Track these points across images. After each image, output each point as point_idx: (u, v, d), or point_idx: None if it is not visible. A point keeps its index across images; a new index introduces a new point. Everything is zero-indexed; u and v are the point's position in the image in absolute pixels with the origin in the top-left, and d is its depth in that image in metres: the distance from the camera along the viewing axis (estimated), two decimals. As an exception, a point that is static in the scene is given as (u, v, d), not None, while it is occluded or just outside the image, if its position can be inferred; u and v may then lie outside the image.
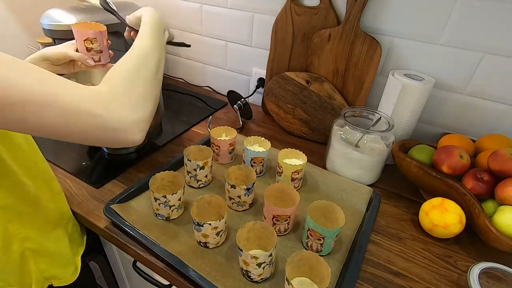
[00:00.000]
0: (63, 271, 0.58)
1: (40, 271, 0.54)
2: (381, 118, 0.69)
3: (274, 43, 0.88)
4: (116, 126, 0.38)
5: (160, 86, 0.48)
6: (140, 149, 0.79)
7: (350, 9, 0.73)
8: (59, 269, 0.57)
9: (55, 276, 0.57)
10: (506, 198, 0.55)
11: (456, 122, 0.77)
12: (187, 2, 1.03)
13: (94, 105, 0.36)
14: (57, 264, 0.57)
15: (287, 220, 0.55)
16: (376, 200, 0.65)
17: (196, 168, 0.64)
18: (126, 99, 0.40)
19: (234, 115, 0.98)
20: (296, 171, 0.64)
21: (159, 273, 0.53)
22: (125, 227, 0.55)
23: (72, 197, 0.63)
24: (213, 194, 0.56)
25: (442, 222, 0.56)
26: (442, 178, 0.60)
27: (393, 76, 0.70)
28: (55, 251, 0.56)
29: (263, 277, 0.48)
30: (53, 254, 0.55)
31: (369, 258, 0.55)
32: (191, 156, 0.66)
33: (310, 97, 0.83)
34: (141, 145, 0.80)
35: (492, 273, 0.51)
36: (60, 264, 0.57)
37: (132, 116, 0.40)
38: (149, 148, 0.79)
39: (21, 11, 1.09)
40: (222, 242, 0.54)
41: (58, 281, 0.57)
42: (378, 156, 0.67)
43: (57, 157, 0.73)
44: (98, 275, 0.78)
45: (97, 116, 0.36)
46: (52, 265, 0.55)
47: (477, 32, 0.66)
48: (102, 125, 0.37)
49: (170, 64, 1.22)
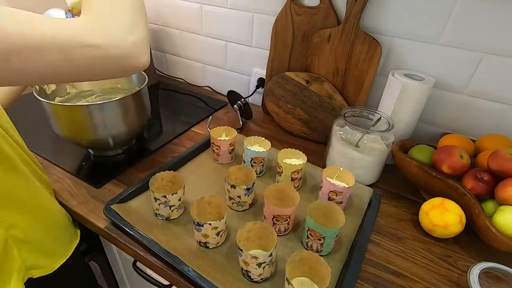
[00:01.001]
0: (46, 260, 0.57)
1: (23, 259, 0.52)
2: (381, 118, 0.69)
3: (274, 43, 0.88)
4: (118, 52, 0.36)
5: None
6: (135, 149, 0.79)
7: (350, 9, 0.73)
8: (42, 258, 0.56)
9: (36, 265, 0.55)
10: (506, 198, 0.55)
11: (456, 122, 0.77)
12: (187, 2, 1.03)
13: (90, 37, 0.34)
14: (42, 253, 0.55)
15: (287, 220, 0.55)
16: (376, 200, 0.65)
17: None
18: (118, 23, 0.37)
19: (234, 115, 0.98)
20: (296, 171, 0.64)
21: (159, 273, 0.53)
22: (125, 227, 0.55)
23: (72, 197, 0.63)
24: (213, 194, 0.56)
25: (442, 222, 0.56)
26: (442, 178, 0.60)
27: (393, 76, 0.70)
28: (42, 240, 0.55)
29: (263, 277, 0.48)
30: (39, 243, 0.54)
31: (369, 258, 0.55)
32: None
33: (310, 97, 0.83)
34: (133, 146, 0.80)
35: (492, 273, 0.51)
36: (44, 253, 0.56)
37: (130, 39, 0.37)
38: (141, 148, 0.79)
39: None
40: (222, 242, 0.54)
41: (38, 271, 0.55)
42: (378, 156, 0.67)
43: (57, 157, 0.73)
44: (98, 275, 0.78)
45: (96, 46, 0.35)
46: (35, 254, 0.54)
47: (477, 32, 0.66)
48: (104, 54, 0.35)
49: (170, 64, 1.22)
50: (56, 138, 0.79)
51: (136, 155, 0.76)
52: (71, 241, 0.63)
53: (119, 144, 0.75)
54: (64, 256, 0.60)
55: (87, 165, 0.73)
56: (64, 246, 0.60)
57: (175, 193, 0.56)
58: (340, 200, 0.61)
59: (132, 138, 0.79)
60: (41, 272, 0.56)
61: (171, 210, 0.57)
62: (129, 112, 0.68)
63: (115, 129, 0.68)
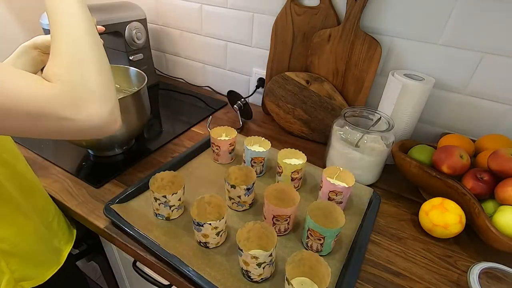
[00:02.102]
0: (37, 270, 0.55)
1: (11, 271, 0.51)
2: (381, 118, 0.69)
3: (274, 43, 0.88)
4: (89, 124, 0.35)
5: (102, 48, 0.40)
6: (135, 149, 0.79)
7: (350, 9, 0.73)
8: (32, 268, 0.54)
9: (26, 276, 0.53)
10: (506, 198, 0.55)
11: (456, 122, 0.77)
12: (187, 2, 1.03)
13: (61, 110, 0.33)
14: (32, 263, 0.54)
15: (287, 220, 0.55)
16: (376, 200, 0.65)
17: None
18: (91, 94, 0.35)
19: (234, 115, 0.98)
20: (296, 171, 0.64)
21: (159, 273, 0.53)
22: (125, 227, 0.55)
23: (72, 197, 0.63)
24: (213, 194, 0.56)
25: (442, 222, 0.56)
26: (442, 178, 0.60)
27: (393, 76, 0.71)
28: (31, 251, 0.53)
29: (263, 277, 0.48)
30: (28, 254, 0.53)
31: (369, 258, 0.55)
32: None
33: (310, 97, 0.83)
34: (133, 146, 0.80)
35: (492, 273, 0.51)
36: (34, 264, 0.55)
37: (103, 111, 0.36)
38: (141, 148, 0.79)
39: (21, 11, 1.09)
40: (222, 242, 0.54)
41: (29, 282, 0.54)
42: (378, 156, 0.67)
43: (57, 157, 0.73)
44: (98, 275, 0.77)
45: (65, 119, 0.34)
46: (25, 265, 0.53)
47: (477, 32, 0.66)
48: (75, 126, 0.35)
49: (170, 64, 1.22)
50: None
51: (136, 155, 0.76)
52: (65, 248, 0.62)
53: (118, 144, 0.75)
54: (57, 265, 0.58)
55: (87, 165, 0.73)
56: (56, 254, 0.59)
57: (175, 193, 0.56)
58: (340, 200, 0.61)
59: (132, 138, 0.79)
60: (32, 283, 0.54)
61: (171, 210, 0.57)
62: (129, 112, 0.68)
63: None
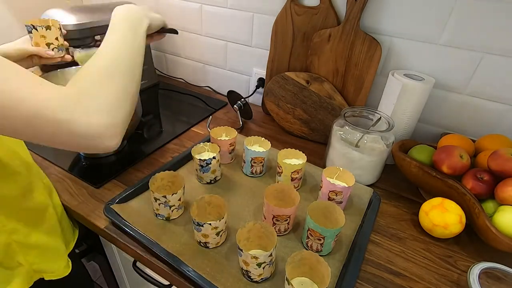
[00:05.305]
0: (55, 265, 0.57)
1: (29, 264, 0.53)
2: (381, 118, 0.69)
3: (274, 43, 0.88)
4: (85, 132, 0.35)
5: (138, 83, 0.44)
6: (134, 149, 0.79)
7: (350, 9, 0.73)
8: (50, 263, 0.56)
9: (45, 269, 0.55)
10: (506, 198, 0.55)
11: (456, 122, 0.77)
12: (187, 2, 1.03)
13: (59, 109, 0.33)
14: (48, 258, 0.56)
15: (287, 220, 0.55)
16: (376, 200, 0.65)
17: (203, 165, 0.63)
18: (95, 102, 0.36)
19: (234, 115, 0.98)
20: (296, 171, 0.64)
21: (159, 273, 0.53)
22: (125, 227, 0.55)
23: (72, 197, 0.63)
24: (213, 194, 0.56)
25: (442, 222, 0.56)
26: (442, 178, 0.60)
27: (393, 76, 0.71)
28: (45, 245, 0.55)
29: (263, 277, 0.48)
30: (43, 248, 0.54)
31: (369, 258, 0.55)
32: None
33: (310, 97, 0.83)
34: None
35: (492, 273, 0.51)
36: (51, 258, 0.56)
37: (102, 121, 0.36)
38: (142, 148, 0.79)
39: (21, 11, 1.09)
40: (222, 242, 0.54)
41: (49, 274, 0.56)
42: (378, 156, 0.67)
43: (57, 157, 0.73)
44: (98, 275, 0.78)
45: (62, 121, 0.34)
46: (42, 259, 0.54)
47: (477, 32, 0.66)
48: (68, 131, 0.34)
49: (170, 64, 1.22)
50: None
51: (136, 155, 0.76)
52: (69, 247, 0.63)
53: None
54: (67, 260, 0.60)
55: (87, 165, 0.73)
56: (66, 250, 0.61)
57: (175, 193, 0.56)
58: (340, 200, 0.61)
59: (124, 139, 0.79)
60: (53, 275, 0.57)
61: (171, 210, 0.57)
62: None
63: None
